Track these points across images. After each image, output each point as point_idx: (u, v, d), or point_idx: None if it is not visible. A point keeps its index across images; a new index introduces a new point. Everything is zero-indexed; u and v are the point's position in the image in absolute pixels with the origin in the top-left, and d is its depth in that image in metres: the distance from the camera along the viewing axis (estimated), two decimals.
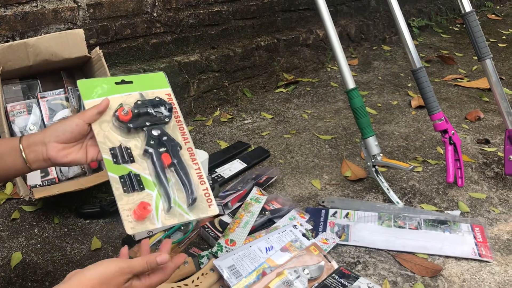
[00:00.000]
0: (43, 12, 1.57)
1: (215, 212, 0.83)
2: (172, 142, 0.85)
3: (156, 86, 0.92)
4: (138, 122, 0.85)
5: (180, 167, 0.83)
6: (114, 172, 0.80)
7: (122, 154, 0.82)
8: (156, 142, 0.84)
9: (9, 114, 1.38)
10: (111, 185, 0.79)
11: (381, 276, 1.09)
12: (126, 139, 0.84)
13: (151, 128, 0.85)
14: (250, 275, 1.02)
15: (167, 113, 0.88)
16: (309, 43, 2.46)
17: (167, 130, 0.87)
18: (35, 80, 1.45)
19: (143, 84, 0.91)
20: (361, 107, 1.38)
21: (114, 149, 0.82)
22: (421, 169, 1.55)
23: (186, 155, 0.86)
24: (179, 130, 0.89)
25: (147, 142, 0.84)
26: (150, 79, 0.92)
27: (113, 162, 0.81)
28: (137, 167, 0.82)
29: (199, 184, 0.84)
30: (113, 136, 0.84)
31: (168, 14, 1.93)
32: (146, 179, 0.81)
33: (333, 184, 1.48)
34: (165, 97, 0.90)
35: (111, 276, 0.70)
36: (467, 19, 1.38)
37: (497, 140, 1.74)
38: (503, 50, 2.83)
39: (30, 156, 0.82)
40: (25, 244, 1.22)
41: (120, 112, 0.83)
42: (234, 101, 2.13)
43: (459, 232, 1.21)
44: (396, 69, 2.54)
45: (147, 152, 0.83)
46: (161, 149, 0.84)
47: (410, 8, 3.18)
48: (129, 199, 0.78)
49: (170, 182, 0.82)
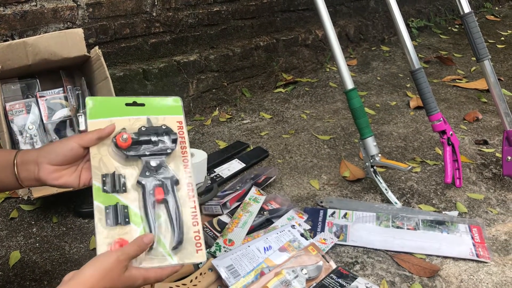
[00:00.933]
0: (42, 11, 1.57)
1: (202, 259, 0.77)
2: (169, 175, 0.79)
3: (168, 112, 0.85)
4: (137, 151, 0.79)
5: (171, 205, 0.77)
6: (100, 201, 0.75)
7: (114, 183, 0.77)
8: (151, 173, 0.78)
9: (8, 113, 1.38)
10: (94, 214, 0.74)
11: (379, 276, 1.10)
12: (123, 166, 0.79)
13: (150, 158, 0.79)
14: (248, 275, 1.02)
15: (171, 144, 0.81)
16: (308, 43, 2.47)
17: (168, 162, 0.81)
18: (34, 79, 1.45)
19: (155, 108, 0.85)
20: (359, 107, 1.38)
21: (107, 175, 0.77)
22: (419, 169, 1.55)
23: (184, 190, 0.80)
24: (183, 162, 0.82)
25: (142, 172, 0.78)
26: (164, 103, 0.86)
27: (102, 189, 0.76)
28: (127, 198, 0.76)
29: (191, 226, 0.78)
30: (110, 162, 0.78)
31: (167, 14, 1.93)
32: (134, 213, 0.76)
33: (332, 184, 1.48)
34: (175, 124, 0.84)
35: (110, 268, 0.69)
36: (465, 20, 1.39)
37: (495, 141, 1.74)
38: (501, 51, 2.84)
39: (22, 174, 0.79)
40: (24, 243, 1.22)
41: (119, 138, 0.78)
42: (233, 101, 2.13)
43: (457, 233, 1.21)
44: (395, 69, 2.55)
45: (140, 184, 0.77)
46: (156, 182, 0.78)
47: (409, 9, 3.19)
48: (109, 233, 0.73)
49: (159, 220, 0.76)
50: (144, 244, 0.73)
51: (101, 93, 1.47)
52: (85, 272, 0.69)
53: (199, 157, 1.45)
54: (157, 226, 0.76)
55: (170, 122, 0.84)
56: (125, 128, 0.80)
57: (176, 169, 0.81)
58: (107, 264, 0.69)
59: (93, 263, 0.70)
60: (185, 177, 0.81)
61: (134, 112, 0.83)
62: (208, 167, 1.49)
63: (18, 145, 1.38)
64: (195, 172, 1.28)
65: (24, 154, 0.80)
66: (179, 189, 0.80)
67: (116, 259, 0.70)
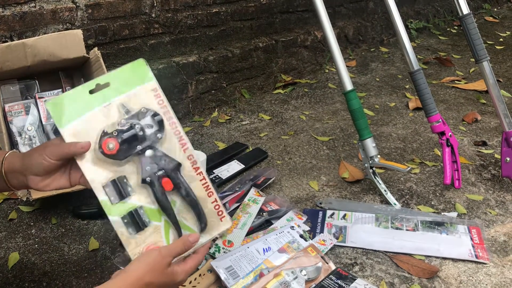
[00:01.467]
0: (41, 12, 1.57)
1: (229, 225, 0.78)
2: (170, 162, 0.76)
3: (137, 82, 0.77)
4: (128, 150, 0.74)
5: (183, 190, 0.76)
6: (114, 213, 0.73)
7: (118, 190, 0.74)
8: (152, 166, 0.75)
9: (7, 115, 1.38)
10: (115, 229, 0.73)
11: (378, 277, 1.10)
12: (120, 168, 0.74)
13: (144, 152, 0.75)
14: (247, 276, 1.02)
15: (157, 128, 0.76)
16: (307, 45, 2.47)
17: (162, 145, 0.76)
18: (33, 81, 1.45)
19: (122, 83, 0.76)
20: (358, 108, 1.39)
21: (108, 185, 0.74)
22: (418, 170, 1.55)
23: (187, 166, 0.77)
24: (175, 135, 0.77)
25: (143, 170, 0.75)
26: (129, 72, 0.77)
27: (110, 201, 0.73)
28: (138, 199, 0.75)
29: (207, 197, 0.77)
30: (104, 168, 0.74)
31: (166, 15, 1.93)
32: (151, 209, 0.75)
33: (331, 185, 1.48)
34: (151, 95, 0.77)
35: (153, 263, 0.72)
36: (464, 21, 1.39)
37: (494, 142, 1.75)
38: (500, 52, 2.84)
39: (12, 182, 0.79)
40: (23, 244, 1.22)
41: (105, 148, 0.73)
42: (232, 102, 2.13)
43: (456, 234, 1.22)
44: (394, 71, 2.55)
45: (145, 181, 0.75)
46: (159, 172, 0.75)
47: (408, 10, 3.19)
48: (137, 241, 0.73)
49: (176, 206, 0.76)
50: (189, 242, 0.76)
51: None
52: (130, 267, 0.72)
53: (198, 158, 1.45)
54: (176, 213, 0.76)
55: (144, 96, 0.76)
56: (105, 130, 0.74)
57: (172, 148, 0.77)
58: (151, 259, 0.72)
59: (138, 259, 0.73)
60: (183, 152, 0.77)
61: (102, 99, 0.75)
62: (207, 168, 1.50)
63: (17, 146, 1.38)
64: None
65: (10, 164, 0.78)
66: (183, 167, 0.77)
67: (159, 254, 0.73)
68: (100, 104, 0.75)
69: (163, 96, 0.78)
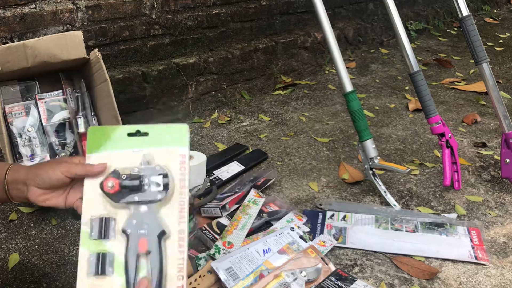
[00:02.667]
0: (41, 13, 1.57)
1: None
2: (155, 226, 0.75)
3: (172, 142, 0.79)
4: (124, 197, 0.75)
5: (154, 259, 0.73)
6: (86, 247, 0.74)
7: (101, 228, 0.75)
8: (139, 221, 0.75)
9: (7, 116, 1.38)
10: (78, 261, 0.73)
11: (378, 278, 1.10)
12: (113, 210, 0.76)
13: (139, 205, 0.75)
14: (247, 277, 1.02)
15: (162, 189, 0.76)
16: (307, 46, 2.47)
17: (161, 208, 0.76)
18: (33, 82, 1.45)
19: (159, 137, 0.79)
20: (358, 110, 1.39)
21: (96, 220, 0.75)
22: (418, 172, 1.55)
23: (173, 239, 0.75)
24: (179, 205, 0.76)
25: (129, 220, 0.75)
26: (170, 132, 0.79)
27: (90, 235, 0.74)
28: (114, 246, 0.74)
29: (176, 279, 0.73)
30: (101, 202, 0.76)
31: (166, 16, 1.93)
32: (119, 262, 0.73)
33: (331, 186, 1.48)
34: (177, 158, 0.78)
35: None
36: (464, 23, 1.39)
37: (493, 143, 1.75)
38: (500, 53, 2.85)
39: (13, 192, 0.81)
40: (23, 245, 1.22)
41: (106, 185, 0.75)
42: (232, 103, 2.13)
43: (455, 235, 1.22)
44: (394, 72, 2.55)
45: (125, 233, 0.74)
46: (141, 231, 0.74)
47: (408, 12, 3.19)
48: (90, 283, 0.72)
49: (140, 273, 0.73)
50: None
51: (101, 96, 1.47)
52: None
53: (198, 159, 1.45)
54: (138, 281, 0.72)
55: (170, 157, 0.78)
56: (117, 169, 0.77)
57: (169, 214, 0.76)
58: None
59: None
60: (178, 224, 0.75)
61: (136, 144, 0.79)
62: (207, 169, 1.50)
63: (17, 147, 1.38)
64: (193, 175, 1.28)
65: (14, 173, 0.81)
66: (168, 237, 0.75)
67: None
68: (131, 147, 0.79)
69: (187, 165, 0.79)
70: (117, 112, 1.42)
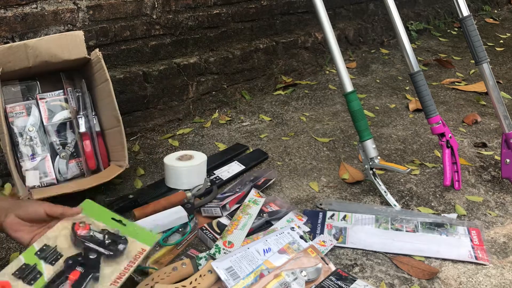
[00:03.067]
0: (42, 13, 1.57)
1: None
2: (94, 270, 0.86)
3: (141, 240, 0.95)
4: (86, 239, 0.90)
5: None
6: (25, 256, 0.84)
7: (48, 255, 0.86)
8: (82, 261, 0.87)
9: (8, 115, 1.39)
10: (10, 262, 0.84)
11: (378, 278, 1.10)
12: (69, 248, 0.89)
13: (90, 251, 0.89)
14: (247, 277, 1.02)
15: (115, 249, 0.91)
16: (307, 46, 2.47)
17: (105, 262, 0.89)
18: (34, 81, 1.45)
19: (132, 231, 0.96)
20: (359, 110, 1.39)
21: (48, 247, 0.87)
22: (418, 172, 1.55)
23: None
24: (119, 273, 0.88)
25: (76, 255, 0.88)
26: (142, 233, 0.97)
27: (35, 253, 0.86)
28: (47, 269, 0.85)
29: None
30: (63, 242, 0.89)
31: (167, 16, 1.93)
32: (43, 281, 0.83)
33: (331, 186, 1.49)
34: (137, 250, 0.93)
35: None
36: (464, 23, 1.39)
37: (494, 143, 1.75)
38: (500, 54, 2.85)
39: None
40: None
41: (78, 224, 0.92)
42: (233, 103, 2.13)
43: (455, 235, 1.22)
44: (394, 72, 2.55)
45: (65, 262, 0.86)
46: (80, 268, 0.86)
47: (408, 12, 3.20)
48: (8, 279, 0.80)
49: None
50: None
51: (102, 95, 1.47)
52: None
53: (198, 159, 1.46)
54: None
55: (135, 246, 0.93)
56: (87, 223, 0.93)
57: (109, 271, 0.87)
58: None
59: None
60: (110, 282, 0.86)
61: (113, 225, 0.96)
62: (208, 169, 1.50)
63: (18, 146, 1.38)
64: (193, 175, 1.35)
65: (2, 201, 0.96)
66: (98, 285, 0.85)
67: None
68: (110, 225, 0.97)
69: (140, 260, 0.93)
70: (118, 112, 1.42)
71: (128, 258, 0.91)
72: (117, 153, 1.47)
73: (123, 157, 1.44)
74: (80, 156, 1.46)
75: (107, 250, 0.90)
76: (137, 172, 1.57)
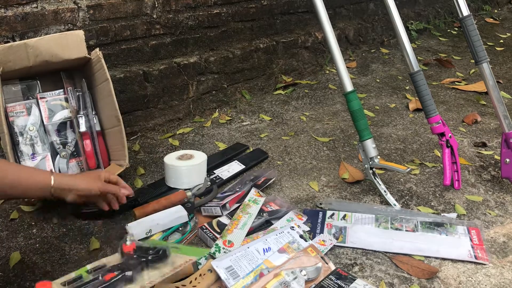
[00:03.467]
0: (43, 13, 1.57)
1: None
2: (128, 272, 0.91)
3: (190, 254, 1.01)
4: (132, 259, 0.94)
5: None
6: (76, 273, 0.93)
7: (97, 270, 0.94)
8: (121, 266, 0.92)
9: (9, 115, 1.39)
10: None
11: (378, 277, 1.10)
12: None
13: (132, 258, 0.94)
14: (247, 276, 1.03)
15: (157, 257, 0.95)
16: (307, 46, 2.47)
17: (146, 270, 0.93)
18: (34, 81, 1.45)
19: (183, 250, 1.03)
20: (359, 109, 1.39)
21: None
22: (418, 171, 1.56)
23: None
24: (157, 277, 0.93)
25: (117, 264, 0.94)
26: (192, 249, 1.10)
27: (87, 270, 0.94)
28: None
29: None
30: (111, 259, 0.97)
31: (167, 16, 1.93)
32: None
33: (331, 186, 1.49)
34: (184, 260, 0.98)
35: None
36: (464, 23, 1.40)
37: (494, 143, 1.75)
38: (500, 53, 2.85)
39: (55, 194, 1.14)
40: (24, 244, 1.23)
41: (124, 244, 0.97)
42: (233, 102, 2.13)
43: (455, 235, 1.22)
44: (394, 72, 2.56)
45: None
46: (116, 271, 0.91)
47: (408, 11, 3.20)
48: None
49: None
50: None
51: (102, 95, 1.48)
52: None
53: (198, 158, 1.46)
54: None
55: (181, 258, 0.98)
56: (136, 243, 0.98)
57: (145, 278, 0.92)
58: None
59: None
60: None
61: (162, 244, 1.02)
62: (208, 168, 1.50)
63: (18, 146, 1.38)
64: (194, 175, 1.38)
65: (60, 179, 1.13)
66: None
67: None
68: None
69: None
70: (118, 111, 1.43)
71: (173, 266, 0.95)
72: (118, 153, 1.47)
73: (123, 157, 1.44)
74: (81, 156, 1.46)
75: (149, 257, 0.95)
76: (137, 172, 1.57)
